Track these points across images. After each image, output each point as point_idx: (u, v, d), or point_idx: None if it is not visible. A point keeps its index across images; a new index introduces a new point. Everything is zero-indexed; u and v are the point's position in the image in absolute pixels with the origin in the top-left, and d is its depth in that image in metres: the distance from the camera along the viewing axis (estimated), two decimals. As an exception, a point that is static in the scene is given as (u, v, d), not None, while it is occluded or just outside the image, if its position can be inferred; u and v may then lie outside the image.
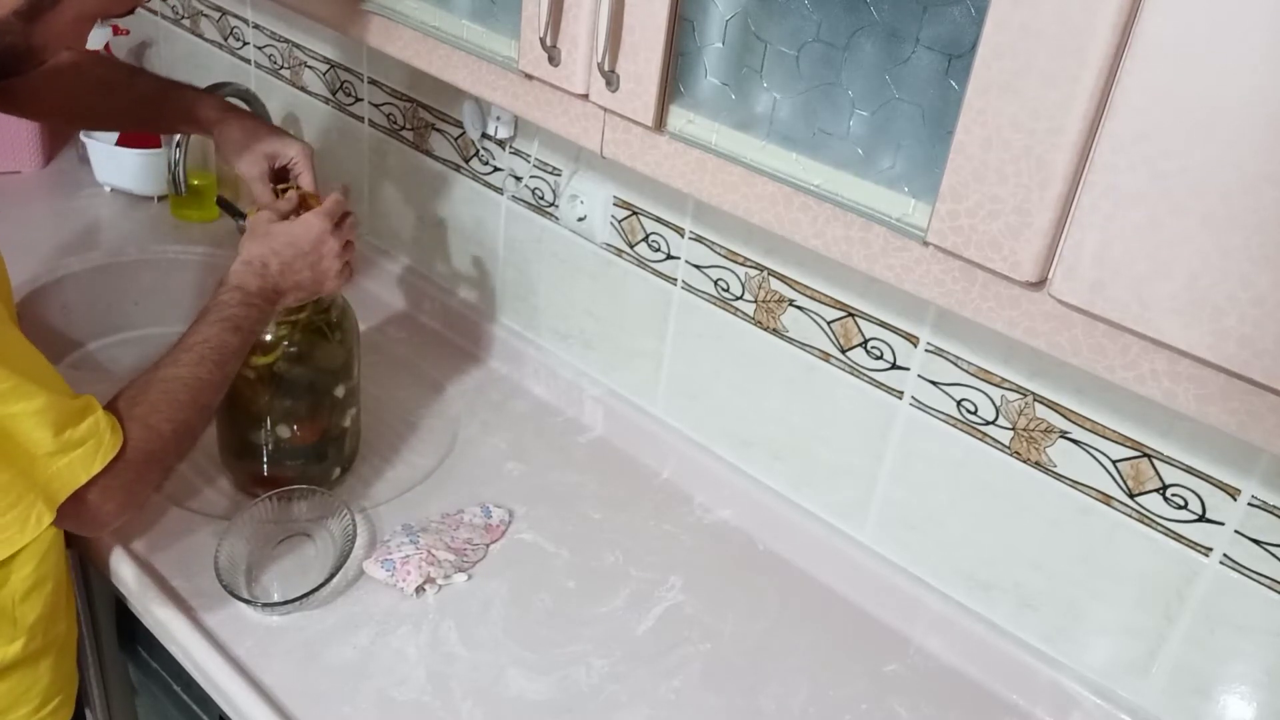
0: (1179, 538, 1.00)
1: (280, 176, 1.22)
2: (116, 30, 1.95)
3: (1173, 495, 1.00)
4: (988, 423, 1.10)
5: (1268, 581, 0.96)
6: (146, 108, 1.28)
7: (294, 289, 1.10)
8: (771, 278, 1.22)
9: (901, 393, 1.16)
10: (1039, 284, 0.73)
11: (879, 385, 1.18)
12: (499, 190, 1.50)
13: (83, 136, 1.84)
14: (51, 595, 1.04)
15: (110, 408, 0.94)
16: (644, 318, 1.38)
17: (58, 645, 1.08)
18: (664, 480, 1.38)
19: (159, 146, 1.81)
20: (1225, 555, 0.98)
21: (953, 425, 1.13)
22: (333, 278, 1.12)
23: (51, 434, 0.87)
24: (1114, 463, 1.03)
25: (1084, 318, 0.72)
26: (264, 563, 1.17)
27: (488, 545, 1.23)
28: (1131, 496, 1.02)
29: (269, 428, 1.21)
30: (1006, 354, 1.07)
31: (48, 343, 1.55)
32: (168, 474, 1.00)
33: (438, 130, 1.54)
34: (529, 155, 1.43)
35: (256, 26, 1.77)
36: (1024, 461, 1.09)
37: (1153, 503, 1.01)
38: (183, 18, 1.92)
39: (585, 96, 0.95)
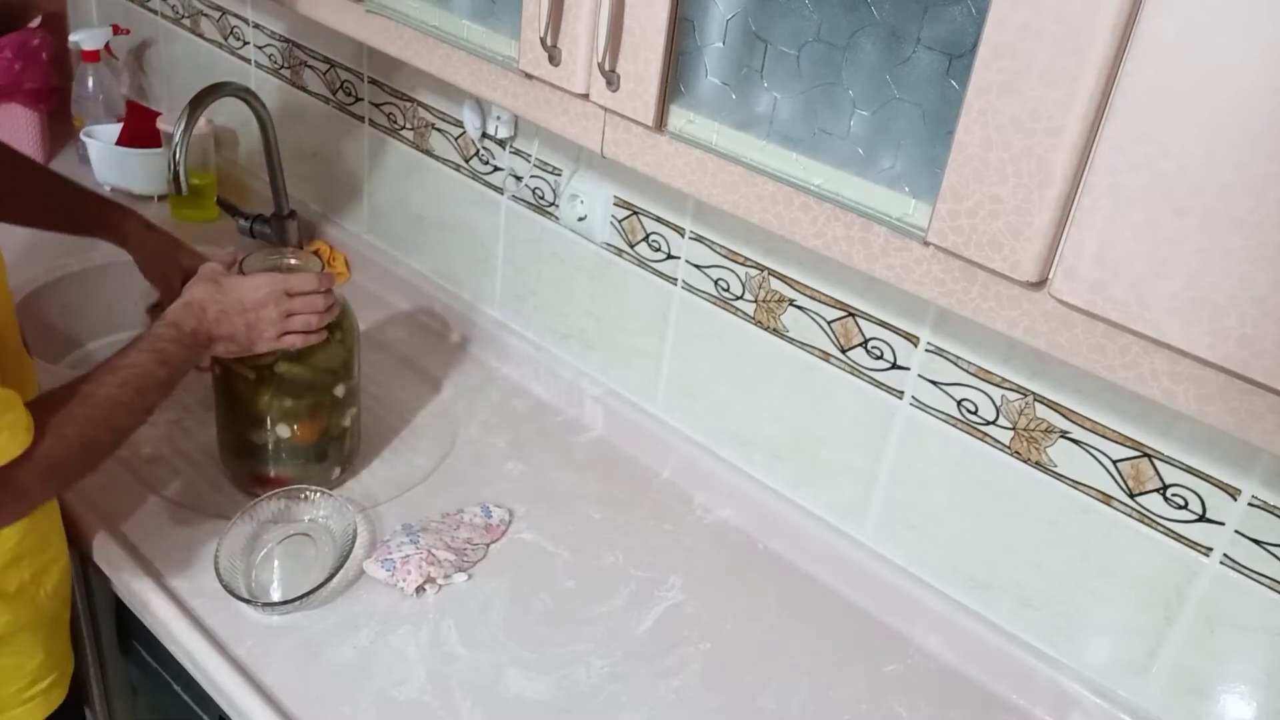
0: (1179, 538, 1.00)
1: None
2: (116, 30, 1.95)
3: (1173, 495, 1.00)
4: (988, 422, 1.10)
5: (1268, 581, 0.96)
6: (60, 206, 1.29)
7: (226, 339, 1.11)
8: (772, 277, 1.23)
9: (901, 392, 1.16)
10: (1039, 284, 0.73)
11: (879, 385, 1.18)
12: (499, 190, 1.50)
13: (83, 136, 1.84)
14: (39, 570, 1.03)
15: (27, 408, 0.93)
16: (644, 318, 1.38)
17: (48, 622, 1.07)
18: (664, 480, 1.38)
19: (159, 146, 1.81)
20: (1225, 555, 0.98)
21: (953, 425, 1.13)
22: (266, 340, 1.13)
23: None
24: (1114, 462, 1.03)
25: (1084, 317, 0.72)
26: (264, 563, 1.17)
27: (488, 545, 1.23)
28: (1131, 496, 1.02)
29: (269, 427, 1.21)
30: (1006, 354, 1.07)
31: (48, 343, 1.56)
32: (65, 486, 1.00)
33: (438, 130, 1.54)
34: (529, 155, 1.43)
35: (256, 26, 1.77)
36: (1024, 461, 1.09)
37: (1153, 503, 1.01)
38: (183, 18, 1.92)
39: (585, 96, 0.95)
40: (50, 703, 1.10)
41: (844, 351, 1.19)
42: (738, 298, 1.27)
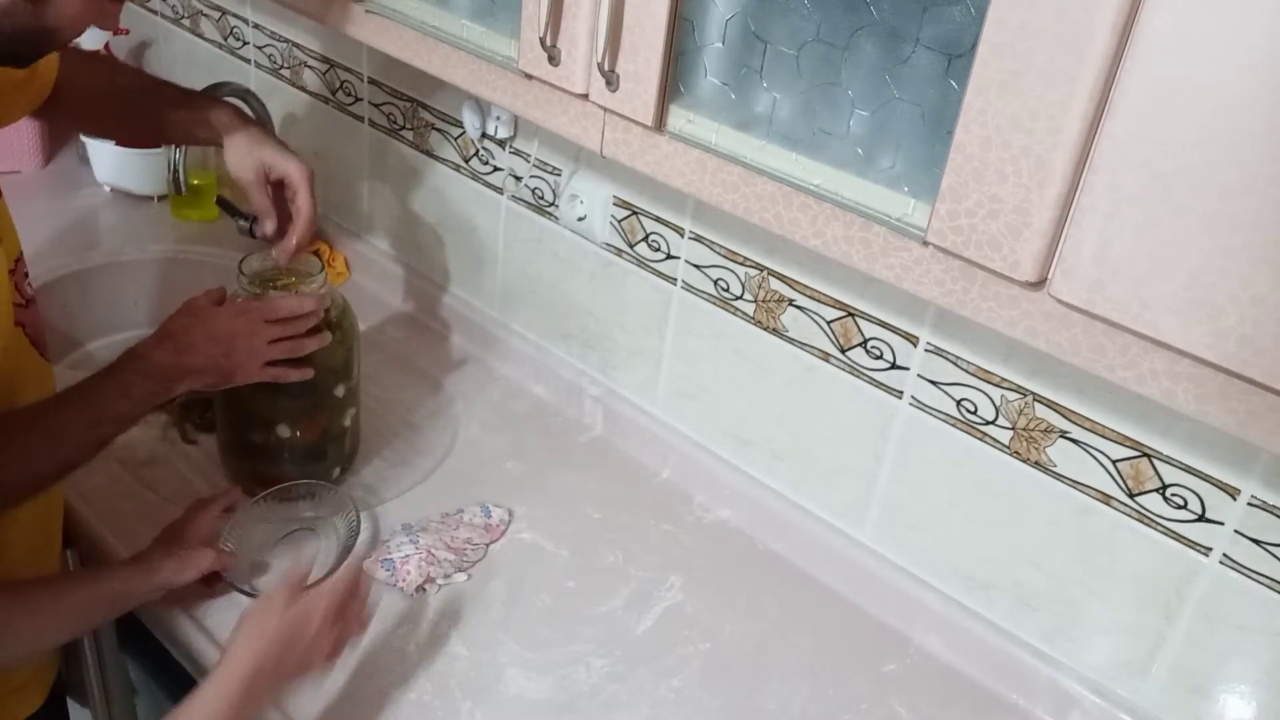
0: (1179, 537, 1.00)
1: (278, 192, 1.21)
2: (116, 30, 1.95)
3: (1172, 495, 1.00)
4: (987, 422, 1.10)
5: (1267, 581, 0.96)
6: (167, 114, 1.24)
7: (201, 372, 1.06)
8: (771, 277, 1.23)
9: (901, 392, 1.16)
10: (1039, 284, 0.73)
11: (879, 385, 1.18)
12: (499, 190, 1.50)
13: (83, 136, 1.84)
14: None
15: None
16: (644, 317, 1.38)
17: None
18: (664, 480, 1.38)
19: (159, 146, 1.81)
20: (1225, 555, 0.98)
21: (952, 425, 1.13)
22: (248, 371, 1.09)
23: None
24: (1114, 462, 1.03)
25: (1083, 317, 0.72)
26: (267, 559, 1.17)
27: (488, 545, 1.23)
28: (1131, 496, 1.02)
29: (269, 427, 1.21)
30: (1006, 354, 1.07)
31: (47, 343, 1.56)
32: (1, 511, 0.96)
33: (438, 130, 1.54)
34: (529, 155, 1.43)
35: (256, 26, 1.77)
36: (1024, 461, 1.09)
37: (1152, 502, 1.01)
38: (183, 18, 1.92)
39: (585, 96, 0.95)
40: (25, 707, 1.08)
41: (844, 351, 1.19)
42: (737, 298, 1.27)
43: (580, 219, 1.39)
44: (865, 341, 1.17)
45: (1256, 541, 0.96)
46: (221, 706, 0.88)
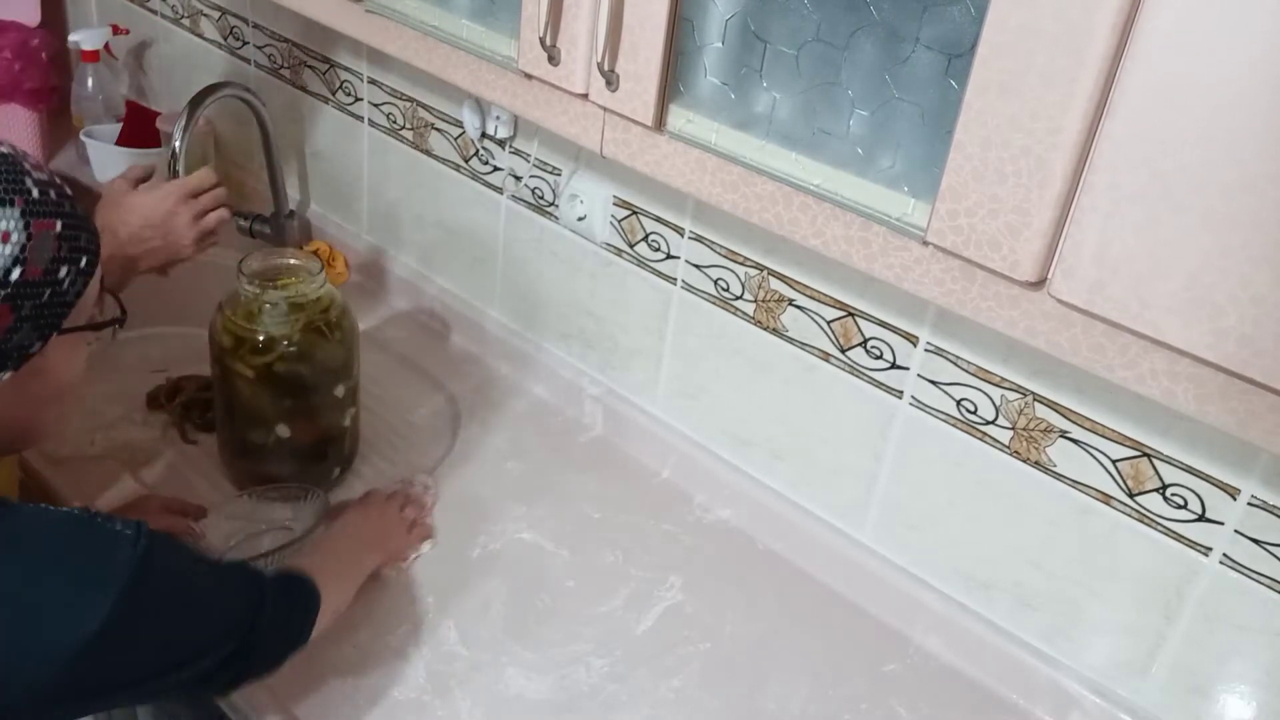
0: (1178, 537, 1.00)
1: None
2: (116, 30, 1.95)
3: (1172, 495, 1.00)
4: (987, 422, 1.10)
5: (1267, 581, 0.96)
6: None
7: (145, 256, 1.14)
8: (771, 277, 1.23)
9: (901, 392, 1.16)
10: (1038, 283, 0.73)
11: (879, 385, 1.18)
12: (499, 190, 1.50)
13: (83, 136, 1.84)
14: None
15: None
16: (644, 317, 1.38)
17: None
18: (664, 480, 1.38)
19: (159, 146, 1.81)
20: (1225, 555, 0.98)
21: (953, 425, 1.13)
22: (186, 247, 1.17)
23: None
24: (1114, 462, 1.03)
25: (1083, 317, 0.72)
26: (228, 553, 1.17)
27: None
28: (1131, 496, 1.02)
29: (269, 427, 1.22)
30: (1006, 353, 1.07)
31: (48, 342, 1.56)
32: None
33: (438, 130, 1.54)
34: (529, 155, 1.43)
35: (256, 26, 1.77)
36: (1024, 461, 1.09)
37: (1152, 502, 1.01)
38: (183, 17, 1.92)
39: (585, 96, 0.95)
40: None
41: (843, 351, 1.19)
42: (737, 297, 1.27)
43: (580, 219, 1.39)
44: (865, 341, 1.17)
45: (1256, 541, 0.96)
46: (342, 545, 1.10)
